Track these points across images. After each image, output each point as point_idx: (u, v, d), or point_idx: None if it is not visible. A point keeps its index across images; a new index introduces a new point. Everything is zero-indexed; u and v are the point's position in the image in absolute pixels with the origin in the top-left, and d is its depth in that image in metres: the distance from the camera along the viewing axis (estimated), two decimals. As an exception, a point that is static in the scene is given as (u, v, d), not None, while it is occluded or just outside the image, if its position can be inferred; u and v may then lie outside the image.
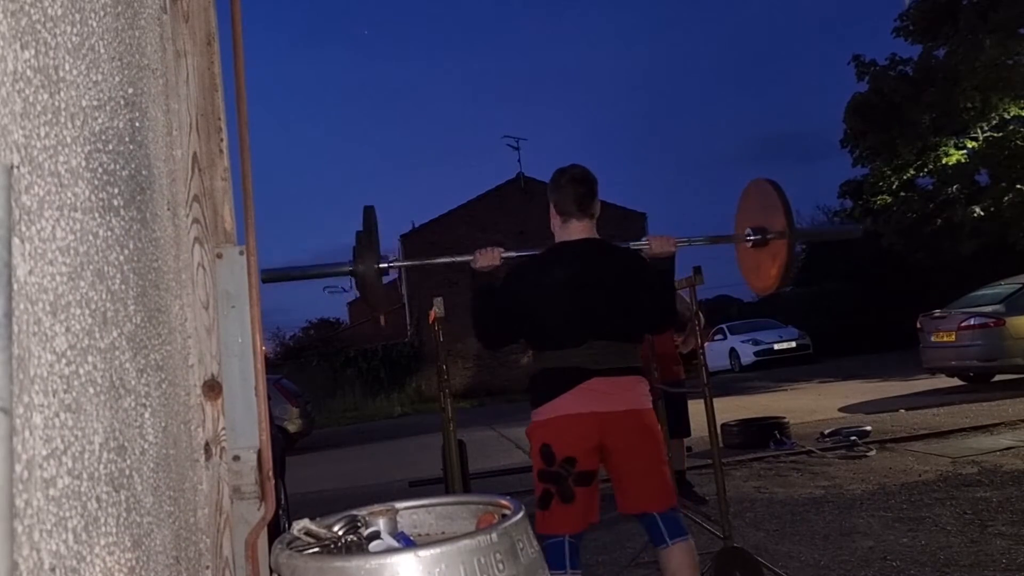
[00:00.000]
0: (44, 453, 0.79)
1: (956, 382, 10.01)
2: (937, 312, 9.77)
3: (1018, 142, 15.58)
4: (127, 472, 1.02)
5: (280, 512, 4.18)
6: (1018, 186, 15.50)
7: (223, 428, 1.44)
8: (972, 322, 9.00)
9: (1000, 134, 16.04)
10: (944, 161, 16.66)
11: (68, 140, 0.93)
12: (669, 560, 2.35)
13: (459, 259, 2.56)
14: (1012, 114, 15.73)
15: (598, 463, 2.40)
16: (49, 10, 0.90)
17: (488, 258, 2.50)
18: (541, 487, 2.35)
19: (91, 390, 0.93)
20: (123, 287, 1.07)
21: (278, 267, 2.54)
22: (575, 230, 2.49)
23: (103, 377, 0.97)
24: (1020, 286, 9.27)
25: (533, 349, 2.48)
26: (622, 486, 2.42)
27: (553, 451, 2.31)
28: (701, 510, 4.59)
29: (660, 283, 2.51)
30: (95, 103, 1.03)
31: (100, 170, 1.02)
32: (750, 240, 2.63)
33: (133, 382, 1.07)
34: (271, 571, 1.23)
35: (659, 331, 2.76)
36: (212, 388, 1.43)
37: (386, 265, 2.44)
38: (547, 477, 2.33)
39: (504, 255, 2.52)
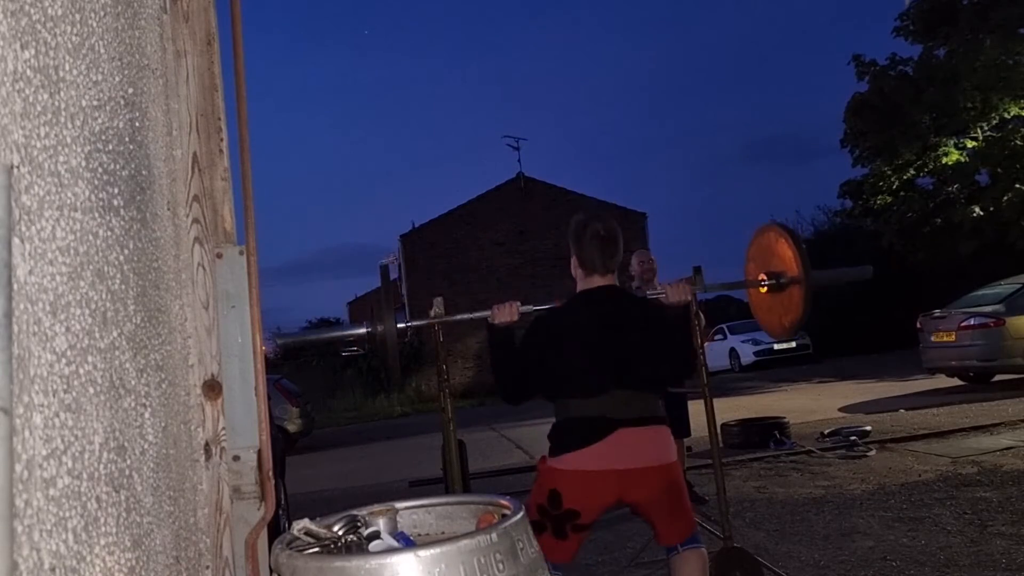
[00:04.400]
0: (44, 453, 0.79)
1: (956, 382, 10.00)
2: (937, 312, 9.76)
3: (1018, 142, 15.56)
4: (127, 472, 1.02)
5: (280, 512, 4.17)
6: (1018, 186, 15.49)
7: (223, 428, 1.44)
8: (972, 322, 9.00)
9: (1000, 134, 16.03)
10: (944, 161, 16.65)
11: (68, 140, 0.93)
12: (679, 566, 2.34)
13: (478, 315, 2.64)
14: (1012, 114, 15.72)
15: (601, 515, 2.37)
16: (49, 10, 0.90)
17: (506, 313, 2.49)
18: (537, 518, 2.30)
19: (91, 390, 0.93)
20: (123, 287, 1.07)
21: (292, 332, 2.56)
22: (597, 281, 2.48)
23: (103, 377, 0.97)
24: (1020, 286, 9.27)
25: (554, 400, 2.44)
26: (650, 524, 2.42)
27: (561, 499, 2.28)
28: (701, 510, 4.58)
29: (679, 332, 2.49)
30: (95, 103, 1.03)
31: (100, 170, 1.02)
32: (765, 285, 2.66)
33: (133, 382, 1.07)
34: (271, 571, 1.23)
35: (679, 381, 2.75)
36: (212, 388, 1.43)
37: (405, 326, 2.44)
38: (545, 515, 2.30)
39: (522, 309, 2.53)
